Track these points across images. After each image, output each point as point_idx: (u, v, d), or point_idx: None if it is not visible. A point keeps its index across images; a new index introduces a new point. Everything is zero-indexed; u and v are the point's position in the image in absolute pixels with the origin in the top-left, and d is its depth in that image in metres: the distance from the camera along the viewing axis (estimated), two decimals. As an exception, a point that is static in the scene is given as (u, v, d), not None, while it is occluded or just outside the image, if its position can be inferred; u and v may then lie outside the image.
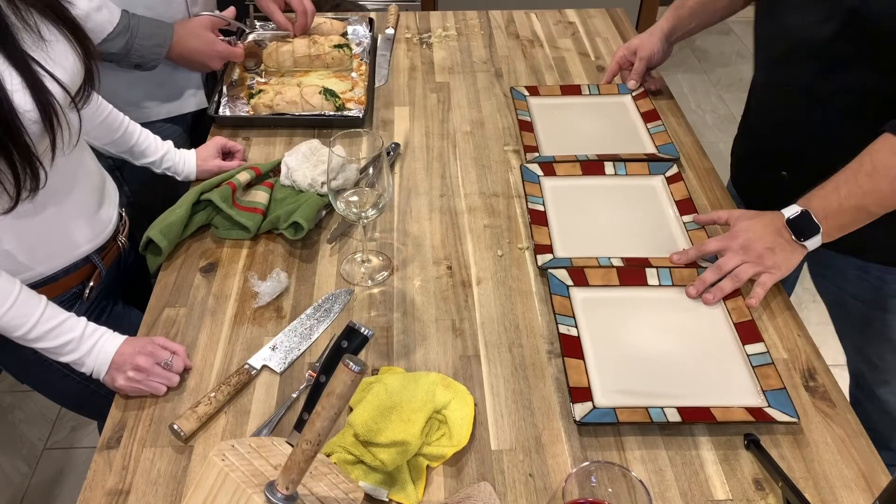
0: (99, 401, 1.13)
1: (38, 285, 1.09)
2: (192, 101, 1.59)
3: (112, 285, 1.25)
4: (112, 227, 1.23)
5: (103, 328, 1.05)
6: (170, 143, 1.36)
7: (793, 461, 0.93)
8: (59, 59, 1.00)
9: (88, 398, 1.19)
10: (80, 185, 1.14)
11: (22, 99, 0.94)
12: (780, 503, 0.88)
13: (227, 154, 1.40)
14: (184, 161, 1.35)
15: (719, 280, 1.12)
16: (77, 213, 1.14)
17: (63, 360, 1.03)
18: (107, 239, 1.21)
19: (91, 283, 1.19)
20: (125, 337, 1.05)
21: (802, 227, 1.09)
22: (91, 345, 1.03)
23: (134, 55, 1.37)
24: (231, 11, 1.55)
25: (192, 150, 1.38)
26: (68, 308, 1.06)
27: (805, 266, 1.38)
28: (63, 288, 1.14)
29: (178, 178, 1.36)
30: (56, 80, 0.98)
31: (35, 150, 0.96)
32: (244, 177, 1.29)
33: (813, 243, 1.09)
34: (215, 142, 1.39)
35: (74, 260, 1.15)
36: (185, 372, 1.03)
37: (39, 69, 0.96)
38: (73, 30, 1.03)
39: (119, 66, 1.39)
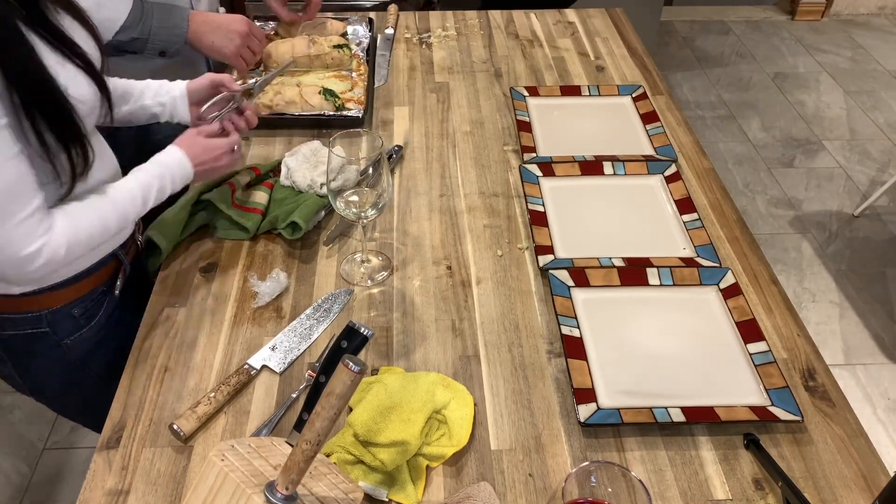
0: (87, 393, 1.13)
1: (66, 284, 1.07)
2: None
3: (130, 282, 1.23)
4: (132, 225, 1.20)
5: (155, 162, 1.09)
6: (148, 80, 1.25)
7: (792, 461, 0.93)
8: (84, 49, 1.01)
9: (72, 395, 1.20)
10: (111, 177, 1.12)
11: (83, 85, 0.96)
12: (780, 503, 0.88)
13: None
14: (170, 95, 1.23)
15: None
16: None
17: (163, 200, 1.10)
18: (129, 234, 1.18)
19: (120, 279, 1.17)
20: (175, 147, 1.11)
21: None
22: (169, 175, 1.09)
23: (155, 40, 1.36)
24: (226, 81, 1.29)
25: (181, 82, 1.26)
26: (98, 306, 1.06)
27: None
28: (91, 286, 1.12)
29: (165, 119, 1.24)
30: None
31: (86, 132, 0.98)
32: (244, 177, 1.29)
33: None
34: (208, 77, 1.25)
35: (103, 255, 1.12)
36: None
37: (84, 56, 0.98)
38: (86, 23, 1.04)
39: (144, 56, 1.38)
